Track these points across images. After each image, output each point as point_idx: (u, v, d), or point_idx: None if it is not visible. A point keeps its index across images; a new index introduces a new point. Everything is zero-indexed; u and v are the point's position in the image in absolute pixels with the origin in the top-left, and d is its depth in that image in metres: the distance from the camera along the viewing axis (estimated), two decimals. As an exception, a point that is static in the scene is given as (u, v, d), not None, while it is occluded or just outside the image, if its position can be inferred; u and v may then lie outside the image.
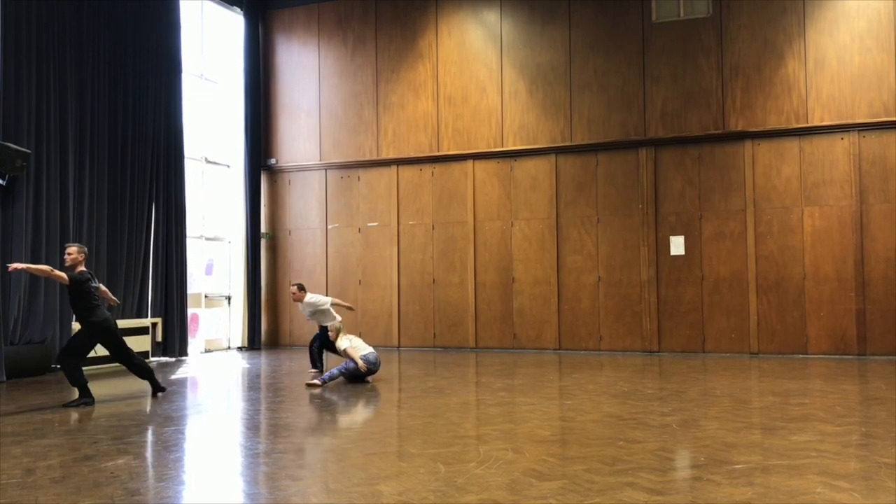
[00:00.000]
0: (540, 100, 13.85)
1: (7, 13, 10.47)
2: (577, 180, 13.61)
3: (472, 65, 14.30)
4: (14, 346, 10.52)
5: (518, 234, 13.92)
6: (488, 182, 14.14)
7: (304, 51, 15.61)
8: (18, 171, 10.37)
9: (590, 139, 13.53)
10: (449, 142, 14.38)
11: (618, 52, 13.43)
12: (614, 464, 5.21)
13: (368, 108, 15.01)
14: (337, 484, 4.79)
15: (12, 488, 4.66)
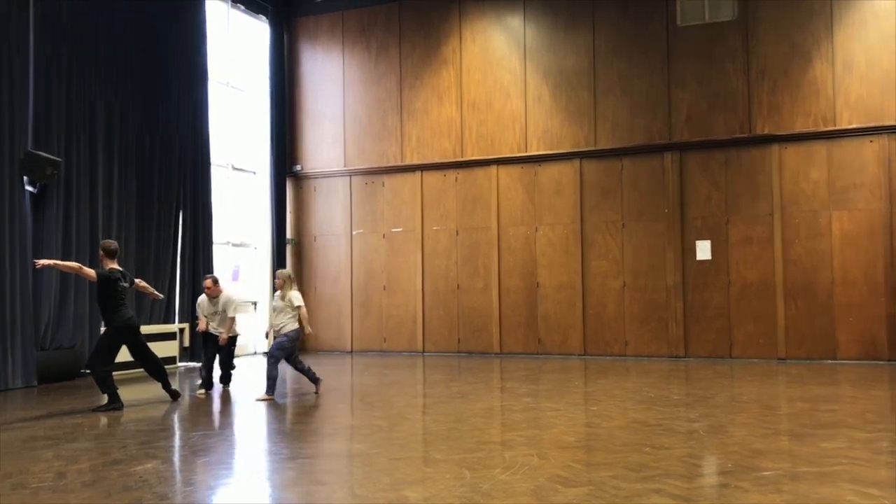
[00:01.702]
0: (564, 104, 13.82)
1: (38, 24, 10.65)
2: (602, 185, 13.56)
3: (496, 70, 14.30)
4: (45, 351, 10.67)
5: (542, 239, 13.89)
6: (512, 187, 14.12)
7: (329, 58, 15.71)
8: (49, 178, 10.54)
9: (614, 144, 13.47)
10: (473, 147, 14.39)
11: (642, 56, 13.37)
12: (641, 470, 5.18)
13: (392, 115, 15.07)
14: (362, 489, 4.81)
15: (44, 492, 4.73)
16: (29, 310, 10.38)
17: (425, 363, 13.18)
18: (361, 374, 11.77)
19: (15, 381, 10.05)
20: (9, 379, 9.99)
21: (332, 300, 15.44)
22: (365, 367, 12.64)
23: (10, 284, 10.10)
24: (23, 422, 7.56)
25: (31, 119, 10.58)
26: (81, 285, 11.07)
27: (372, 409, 8.27)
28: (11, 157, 10.22)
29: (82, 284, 11.05)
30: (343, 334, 15.31)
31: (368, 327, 15.12)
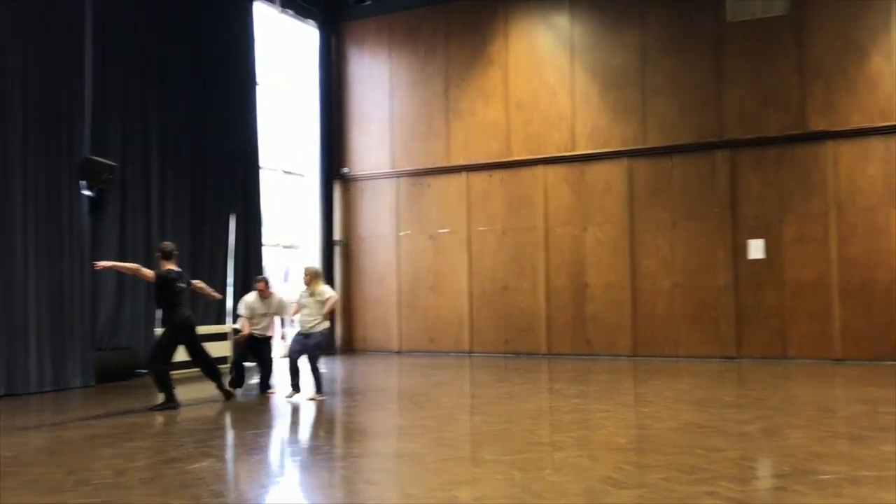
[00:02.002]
0: (612, 103, 13.69)
1: (96, 36, 10.93)
2: (651, 184, 13.40)
3: (543, 69, 14.24)
4: (102, 351, 10.95)
5: (590, 238, 13.78)
6: (559, 187, 14.04)
7: (376, 61, 15.82)
8: (106, 183, 10.82)
9: (664, 142, 13.30)
10: (519, 147, 14.35)
11: (691, 53, 13.18)
12: (694, 472, 5.11)
13: (438, 116, 15.11)
14: (413, 489, 4.84)
15: (105, 489, 4.86)
16: (87, 311, 10.67)
17: (472, 364, 13.18)
18: (409, 375, 11.84)
19: (74, 380, 10.33)
20: (68, 379, 10.27)
21: (379, 301, 15.54)
22: (412, 368, 12.70)
23: (69, 286, 10.39)
24: (83, 420, 7.77)
25: (88, 125, 10.86)
26: (137, 287, 11.33)
27: (420, 409, 8.30)
28: (70, 162, 10.51)
29: (138, 286, 11.31)
30: (390, 335, 15.40)
31: (415, 328, 15.18)
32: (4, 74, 9.77)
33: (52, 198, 10.28)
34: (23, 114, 9.95)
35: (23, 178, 9.91)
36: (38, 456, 6.03)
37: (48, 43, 10.30)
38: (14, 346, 9.67)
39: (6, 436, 6.92)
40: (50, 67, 10.30)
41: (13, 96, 9.85)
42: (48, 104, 10.28)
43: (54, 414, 8.43)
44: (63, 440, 6.62)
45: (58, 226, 10.33)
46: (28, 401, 9.25)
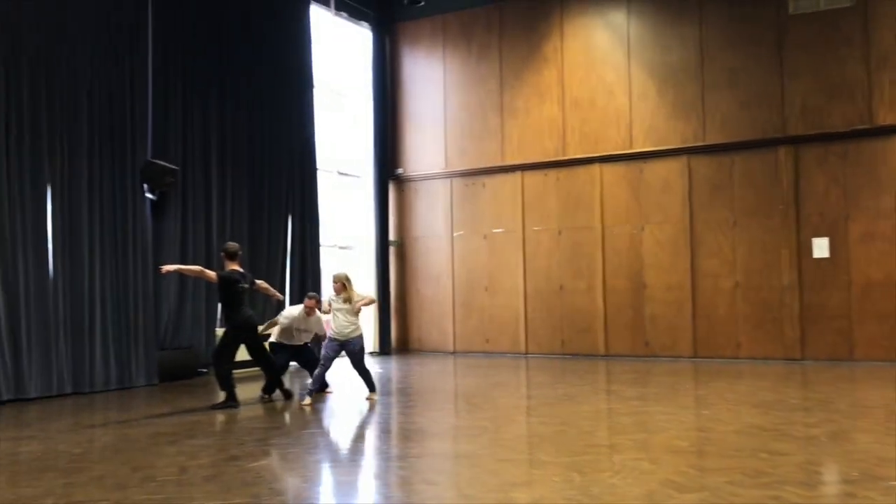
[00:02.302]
0: (670, 100, 13.46)
1: (156, 42, 11.18)
2: (712, 181, 13.13)
3: (599, 67, 14.08)
4: (165, 350, 11.21)
5: (649, 238, 13.57)
6: (616, 185, 13.86)
7: (430, 61, 15.85)
8: (167, 186, 11.07)
9: (724, 139, 13.02)
10: (575, 146, 14.21)
11: (752, 47, 12.88)
12: (758, 476, 4.98)
13: (493, 115, 15.06)
14: (471, 489, 4.82)
15: (169, 485, 4.96)
16: (151, 311, 10.93)
17: (528, 364, 13.10)
18: (464, 375, 11.82)
19: (138, 379, 10.59)
20: (133, 378, 10.53)
21: (434, 301, 15.56)
22: (468, 368, 12.69)
23: (133, 287, 10.66)
24: (147, 418, 7.95)
25: (150, 130, 11.13)
26: (198, 288, 11.57)
27: (477, 410, 8.28)
28: (134, 166, 10.78)
29: (199, 287, 11.55)
30: (445, 335, 15.41)
31: (470, 328, 15.17)
32: (71, 82, 10.07)
33: (117, 201, 10.56)
34: (88, 120, 10.24)
35: (89, 182, 10.20)
36: (105, 452, 6.18)
37: (112, 50, 10.58)
38: (81, 346, 9.96)
39: (74, 433, 7.13)
40: (113, 74, 10.59)
41: (80, 103, 10.14)
42: (112, 110, 10.56)
43: (119, 412, 8.65)
44: (128, 438, 6.79)
45: (122, 229, 10.61)
46: (94, 399, 9.52)
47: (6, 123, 9.32)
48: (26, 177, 9.50)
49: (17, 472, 5.46)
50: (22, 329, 9.28)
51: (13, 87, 9.41)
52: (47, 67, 9.79)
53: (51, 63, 9.83)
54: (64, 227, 9.90)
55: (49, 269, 9.70)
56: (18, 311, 9.28)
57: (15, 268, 9.28)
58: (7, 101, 9.33)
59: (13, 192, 9.34)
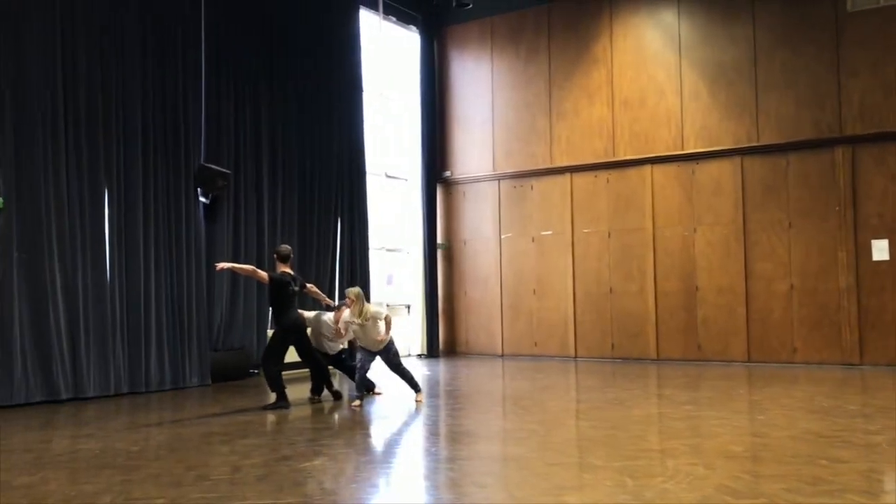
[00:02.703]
0: (722, 100, 13.23)
1: (209, 47, 11.38)
2: (766, 182, 12.86)
3: (649, 67, 13.91)
4: (217, 351, 11.39)
5: (701, 240, 13.35)
6: (668, 187, 13.67)
7: (478, 64, 15.85)
8: (220, 190, 11.26)
9: (778, 139, 12.75)
10: (625, 147, 14.06)
11: (808, 45, 12.59)
12: (817, 484, 4.85)
13: (541, 117, 14.99)
14: (521, 492, 4.79)
15: (223, 484, 5.03)
16: (204, 313, 11.11)
17: (578, 368, 12.99)
18: (513, 378, 11.77)
19: (191, 380, 10.78)
20: (186, 378, 10.72)
21: (482, 303, 15.54)
22: (516, 371, 12.63)
23: (186, 290, 10.86)
24: (200, 418, 8.08)
25: (203, 134, 11.33)
26: (250, 290, 11.74)
27: (526, 413, 8.23)
28: (187, 170, 10.99)
29: (251, 289, 11.71)
30: (493, 338, 15.37)
31: (519, 331, 15.10)
32: (126, 89, 10.30)
33: (172, 205, 10.77)
34: (143, 125, 10.46)
35: (144, 186, 10.42)
36: (160, 451, 6.30)
37: (166, 55, 10.81)
38: (137, 347, 10.17)
39: (131, 432, 7.28)
40: (167, 80, 10.80)
41: (134, 109, 10.37)
42: (166, 116, 10.78)
43: (174, 412, 8.82)
44: (182, 437, 6.91)
45: (176, 232, 10.82)
46: (149, 399, 9.71)
47: (65, 130, 9.57)
48: (84, 182, 9.75)
49: (77, 469, 5.59)
50: (80, 330, 9.52)
51: (70, 95, 9.66)
52: (103, 75, 10.03)
53: (106, 71, 10.07)
54: (120, 231, 10.13)
55: (106, 272, 9.93)
56: (77, 312, 9.52)
57: (74, 270, 9.53)
58: (65, 109, 9.59)
59: (72, 196, 9.60)
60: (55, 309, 9.28)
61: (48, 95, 9.40)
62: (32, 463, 5.80)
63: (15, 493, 4.89)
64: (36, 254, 9.16)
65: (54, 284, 9.29)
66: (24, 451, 6.31)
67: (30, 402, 8.90)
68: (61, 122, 9.52)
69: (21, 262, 9.02)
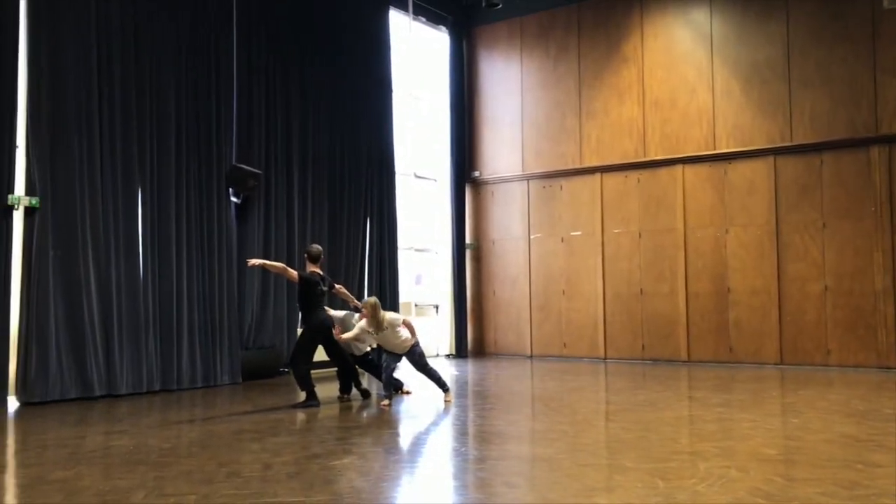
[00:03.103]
0: (755, 99, 13.07)
1: (240, 48, 11.49)
2: (800, 182, 12.68)
3: (681, 66, 13.78)
4: (248, 350, 11.48)
5: (733, 240, 13.19)
6: (700, 187, 13.53)
7: (507, 64, 15.82)
8: (251, 190, 11.35)
9: (813, 138, 12.56)
10: (656, 147, 13.94)
11: (843, 43, 12.39)
12: (853, 488, 4.77)
13: (571, 117, 14.92)
14: (552, 493, 4.76)
15: (254, 481, 5.06)
16: (235, 312, 11.21)
17: (607, 369, 12.91)
18: (542, 379, 11.72)
19: (223, 378, 10.88)
20: (217, 376, 10.82)
21: (511, 304, 15.50)
22: (545, 372, 12.58)
23: (218, 289, 10.96)
24: (231, 416, 8.15)
25: (234, 135, 11.43)
26: (280, 289, 11.82)
27: (555, 413, 8.19)
28: (219, 170, 11.09)
29: (281, 289, 11.79)
30: (522, 338, 15.33)
31: (548, 332, 15.04)
32: (160, 89, 10.43)
33: (204, 205, 10.88)
34: (176, 125, 10.58)
35: (177, 186, 10.53)
36: (192, 448, 6.36)
37: (198, 56, 10.92)
38: (169, 345, 10.29)
39: (163, 429, 7.36)
40: (200, 80, 10.91)
41: (168, 109, 10.49)
42: (199, 116, 10.88)
43: (205, 409, 8.90)
44: (214, 434, 6.97)
45: (208, 231, 10.92)
46: (181, 396, 9.82)
47: (99, 129, 9.71)
48: (118, 181, 9.88)
49: (111, 464, 5.66)
50: (114, 328, 9.65)
51: (105, 94, 9.80)
52: (137, 75, 10.16)
53: (140, 71, 10.20)
54: (153, 230, 10.25)
55: (139, 270, 10.05)
56: (111, 310, 9.65)
57: (108, 268, 9.66)
58: (100, 108, 9.73)
59: (106, 195, 9.73)
60: (89, 307, 9.41)
61: (83, 95, 9.54)
62: (67, 458, 5.89)
63: (50, 487, 4.97)
64: (71, 252, 9.30)
65: (88, 282, 9.43)
66: (59, 446, 6.41)
67: (64, 399, 9.04)
68: (96, 121, 9.66)
69: (56, 260, 9.17)
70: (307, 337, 8.90)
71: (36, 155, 9.06)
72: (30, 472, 5.49)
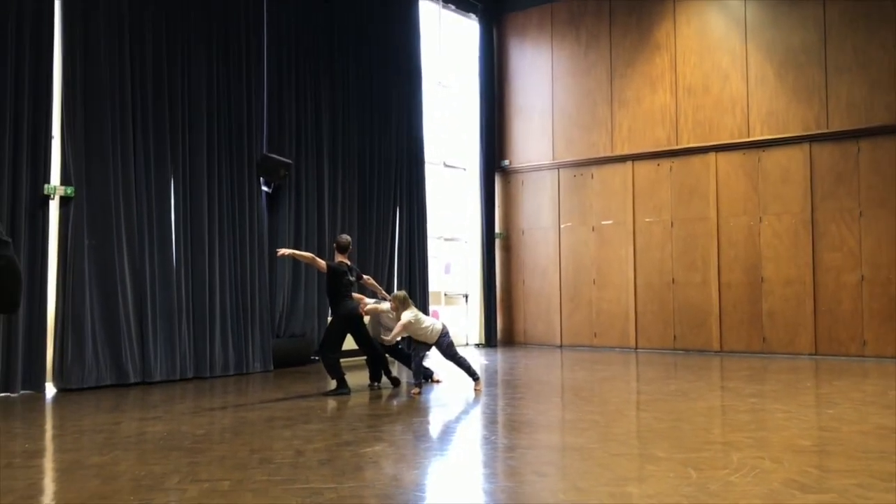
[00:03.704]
0: (790, 84, 12.85)
1: (270, 38, 11.53)
2: (836, 170, 12.46)
3: (714, 52, 13.59)
4: (279, 338, 11.57)
5: (767, 230, 13.01)
6: (733, 175, 13.35)
7: (537, 52, 15.71)
8: (282, 179, 11.41)
9: (850, 125, 12.33)
10: (689, 134, 13.78)
11: (882, 26, 12.12)
12: (890, 480, 4.68)
13: (602, 105, 14.79)
14: (583, 482, 4.74)
15: (286, 467, 5.10)
16: (266, 300, 11.30)
17: (638, 359, 12.82)
18: (572, 369, 11.68)
19: (254, 365, 10.98)
20: (249, 364, 10.93)
21: (541, 293, 15.45)
22: (575, 362, 12.53)
23: (250, 277, 11.05)
24: (263, 403, 8.22)
25: (265, 124, 11.50)
26: (311, 279, 11.88)
27: (586, 403, 8.16)
28: (250, 160, 11.16)
29: (311, 278, 11.86)
30: (552, 328, 15.27)
31: (578, 321, 14.97)
32: (191, 79, 10.51)
33: (235, 194, 10.96)
34: (207, 115, 10.66)
35: (208, 176, 10.63)
36: (225, 434, 6.43)
37: (229, 46, 10.98)
38: (202, 333, 10.40)
39: (196, 415, 7.45)
40: (231, 70, 10.98)
41: (199, 100, 10.57)
42: (230, 106, 10.96)
43: (237, 396, 8.99)
44: (246, 421, 7.04)
45: (240, 221, 11.01)
46: (214, 384, 9.93)
47: (132, 120, 9.82)
48: (151, 170, 10.00)
49: (146, 450, 5.74)
50: (148, 316, 9.78)
51: (137, 85, 9.91)
52: (169, 66, 10.25)
53: (172, 62, 10.29)
54: (185, 219, 10.36)
55: (172, 260, 10.17)
56: (145, 298, 9.78)
57: (142, 257, 9.79)
58: (132, 99, 9.84)
59: (139, 185, 9.85)
60: (124, 296, 9.55)
61: (117, 86, 9.65)
62: (103, 444, 5.98)
63: (88, 471, 5.05)
64: (105, 241, 9.43)
65: (123, 272, 9.56)
66: (96, 432, 6.51)
67: (100, 386, 9.19)
68: (129, 112, 9.77)
69: (91, 249, 9.30)
70: (335, 326, 8.94)
71: (71, 145, 9.19)
72: (67, 457, 5.59)
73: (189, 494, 4.45)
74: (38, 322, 8.88)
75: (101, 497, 4.40)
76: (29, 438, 6.45)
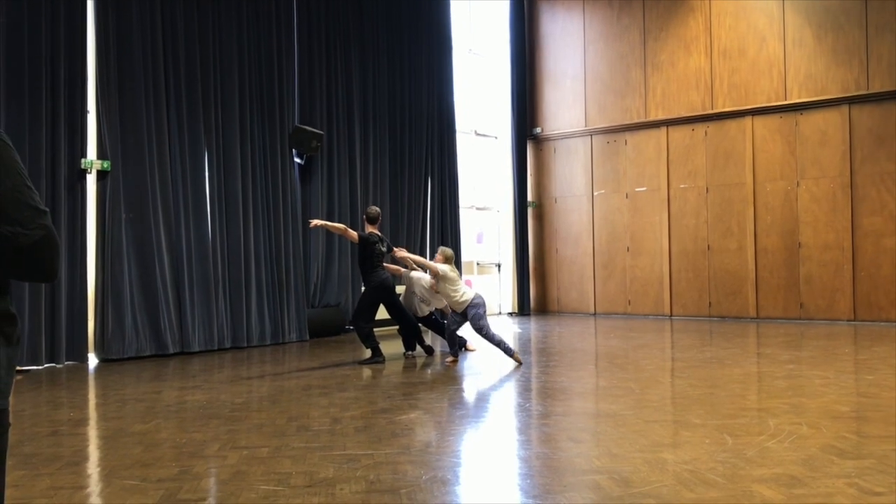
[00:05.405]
0: (829, 46, 12.53)
1: (300, 10, 11.50)
2: (876, 132, 12.17)
3: (750, 14, 13.28)
4: (314, 308, 11.69)
5: (805, 194, 12.79)
6: (769, 139, 13.11)
7: (569, 17, 15.48)
8: (314, 150, 11.45)
9: (891, 86, 12.00)
10: (724, 98, 13.54)
11: (926, -17, 11.76)
12: (932, 446, 4.63)
13: (635, 69, 14.56)
14: (619, 449, 4.75)
15: (323, 435, 5.18)
16: (301, 271, 11.41)
17: (673, 327, 12.75)
18: (606, 336, 11.65)
19: (290, 335, 11.13)
20: (285, 334, 11.08)
21: (574, 262, 15.39)
22: (609, 330, 12.50)
23: (284, 248, 11.16)
24: (299, 372, 8.34)
25: (297, 96, 11.52)
26: (344, 249, 11.96)
27: (621, 370, 8.15)
28: (283, 132, 11.21)
29: (345, 248, 11.93)
30: (585, 296, 15.23)
31: (611, 289, 14.90)
32: (224, 54, 10.55)
33: (269, 166, 11.04)
34: (240, 88, 10.71)
35: (241, 148, 10.70)
36: (263, 402, 6.54)
37: (260, 19, 10.99)
38: (239, 304, 10.55)
39: (234, 384, 7.58)
40: (262, 42, 10.99)
41: (231, 73, 10.62)
42: (262, 79, 11.00)
43: (274, 365, 9.12)
44: (283, 389, 7.15)
45: (273, 192, 11.09)
46: (251, 353, 10.08)
47: (166, 94, 9.90)
48: (186, 143, 10.09)
49: (186, 418, 5.87)
50: (185, 288, 9.93)
51: (170, 60, 9.97)
52: (201, 40, 10.29)
53: (204, 35, 10.33)
54: (220, 191, 10.46)
55: (208, 231, 10.30)
56: (182, 271, 9.93)
57: (178, 231, 9.92)
58: (165, 74, 9.91)
59: (174, 158, 9.95)
60: (161, 267, 9.70)
61: (150, 61, 9.72)
62: (145, 412, 6.13)
63: (131, 438, 5.18)
64: (142, 214, 9.57)
65: (160, 244, 9.71)
66: (137, 401, 6.66)
67: (140, 356, 9.39)
68: (162, 85, 9.85)
69: (128, 222, 9.45)
70: (368, 296, 8.99)
71: (106, 120, 9.30)
72: (111, 425, 5.74)
73: (229, 461, 4.54)
74: (80, 294, 9.08)
75: (143, 464, 4.51)
76: (74, 407, 6.63)
